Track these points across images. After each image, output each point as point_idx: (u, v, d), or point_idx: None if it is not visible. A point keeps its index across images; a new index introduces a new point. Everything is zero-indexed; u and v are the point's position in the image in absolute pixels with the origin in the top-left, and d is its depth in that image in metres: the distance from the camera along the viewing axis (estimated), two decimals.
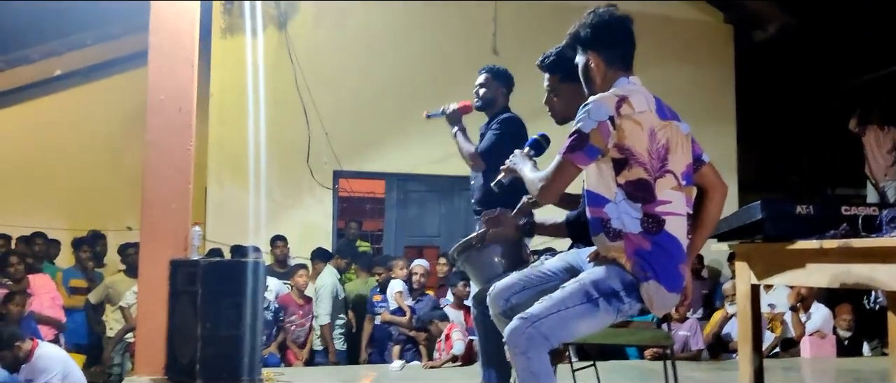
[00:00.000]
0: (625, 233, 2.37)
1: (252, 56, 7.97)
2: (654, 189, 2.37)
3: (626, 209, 2.38)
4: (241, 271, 4.91)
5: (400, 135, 8.72)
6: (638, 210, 2.37)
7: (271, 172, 8.26)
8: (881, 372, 5.14)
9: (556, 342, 2.36)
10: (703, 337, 6.87)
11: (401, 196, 9.00)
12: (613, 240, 2.39)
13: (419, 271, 7.24)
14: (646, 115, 2.40)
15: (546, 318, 2.29)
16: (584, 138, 2.35)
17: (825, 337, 7.06)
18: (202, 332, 4.65)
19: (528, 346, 2.26)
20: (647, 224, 2.36)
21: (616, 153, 2.37)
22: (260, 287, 5.12)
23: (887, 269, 2.39)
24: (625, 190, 2.38)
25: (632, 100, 2.40)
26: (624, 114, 2.36)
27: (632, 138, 2.36)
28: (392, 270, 7.36)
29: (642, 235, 2.36)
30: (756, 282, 2.98)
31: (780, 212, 2.73)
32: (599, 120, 2.34)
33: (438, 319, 6.48)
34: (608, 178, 2.40)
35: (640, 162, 2.37)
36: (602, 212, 2.42)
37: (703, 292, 8.54)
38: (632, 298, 2.36)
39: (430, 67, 8.80)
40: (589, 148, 2.35)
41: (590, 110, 2.37)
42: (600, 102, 2.38)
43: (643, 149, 2.37)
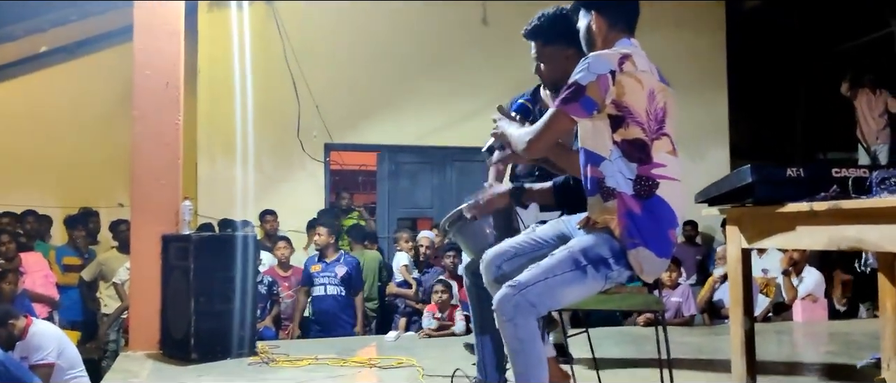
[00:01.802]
0: (618, 192, 2.37)
1: (239, 29, 7.90)
2: (651, 150, 2.37)
3: (621, 167, 2.37)
4: (233, 245, 4.92)
5: (391, 106, 8.69)
6: (632, 170, 2.37)
7: (262, 146, 8.24)
8: (872, 333, 5.17)
9: (544, 309, 2.37)
10: (696, 302, 6.91)
11: (393, 168, 8.99)
12: (607, 199, 2.39)
13: (425, 243, 7.23)
14: (647, 75, 2.41)
15: (533, 286, 2.29)
16: (581, 89, 2.33)
17: (817, 301, 7.11)
18: (195, 307, 4.67)
19: (515, 313, 2.27)
20: (639, 186, 2.36)
21: (613, 109, 2.36)
22: (252, 261, 5.13)
23: (877, 230, 2.39)
24: (621, 148, 2.38)
25: (635, 59, 2.40)
26: (626, 70, 2.36)
27: (631, 95, 2.35)
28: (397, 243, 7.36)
29: (633, 198, 2.35)
30: (747, 246, 2.99)
31: (771, 176, 2.72)
32: (599, 73, 2.34)
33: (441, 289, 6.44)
34: (604, 135, 2.39)
35: (637, 121, 2.36)
36: (598, 170, 2.42)
37: (697, 258, 8.59)
38: (620, 265, 2.36)
39: (420, 38, 8.75)
40: (585, 100, 2.33)
41: (590, 63, 2.36)
42: (601, 56, 2.38)
43: (642, 108, 2.37)
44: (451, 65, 8.77)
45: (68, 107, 8.90)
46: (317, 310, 6.80)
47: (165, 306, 4.92)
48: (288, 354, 4.92)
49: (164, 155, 5.15)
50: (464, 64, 8.72)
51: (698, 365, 4.66)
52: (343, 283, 6.75)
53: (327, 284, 6.77)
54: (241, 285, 4.92)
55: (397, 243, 7.52)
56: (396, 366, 4.58)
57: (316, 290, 6.76)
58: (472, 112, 8.47)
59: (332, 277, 6.77)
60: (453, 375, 3.51)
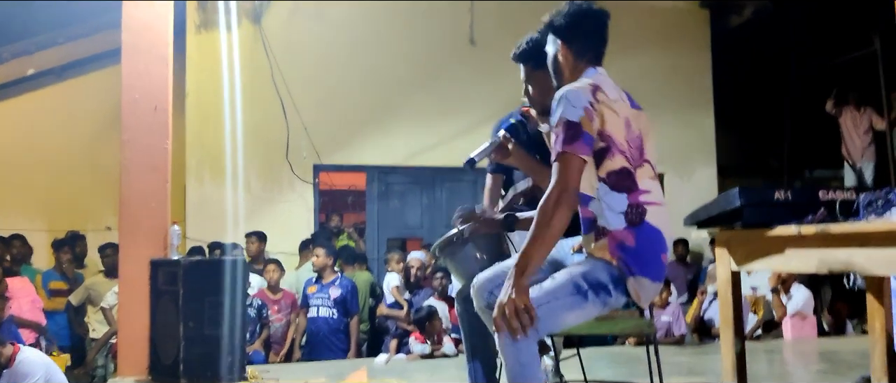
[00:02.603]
0: (609, 231, 2.37)
1: (227, 52, 7.91)
2: (636, 178, 2.38)
3: (610, 202, 2.37)
4: (222, 269, 4.88)
5: (379, 127, 8.70)
6: (622, 201, 2.37)
7: (251, 168, 8.23)
8: (861, 352, 5.19)
9: (545, 333, 2.37)
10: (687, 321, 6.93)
11: (382, 188, 8.99)
12: (599, 238, 2.39)
13: (415, 264, 7.22)
14: (619, 104, 2.41)
15: (536, 309, 2.28)
16: (576, 126, 2.31)
17: (806, 319, 7.14)
18: (185, 332, 4.62)
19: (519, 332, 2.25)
20: (630, 215, 2.36)
21: (598, 142, 2.36)
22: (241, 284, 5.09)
23: (865, 253, 2.40)
24: (607, 182, 2.38)
25: (604, 88, 2.40)
26: (600, 100, 2.36)
27: (611, 125, 2.36)
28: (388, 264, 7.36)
29: (626, 230, 2.35)
30: (736, 268, 3.00)
31: (759, 199, 2.74)
32: (583, 106, 2.33)
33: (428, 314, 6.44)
34: (589, 173, 2.38)
35: (620, 150, 2.37)
36: (588, 210, 2.42)
37: (688, 277, 8.60)
38: (618, 292, 2.37)
39: (408, 59, 8.79)
40: (585, 136, 2.31)
41: (569, 99, 2.35)
42: (577, 90, 2.37)
43: (622, 137, 2.38)
44: (439, 84, 8.81)
45: (55, 131, 8.87)
46: (308, 332, 6.79)
47: (154, 331, 4.87)
48: (278, 379, 4.89)
49: (152, 179, 5.12)
50: (452, 83, 8.76)
51: None
52: (336, 306, 6.75)
53: (320, 306, 6.77)
54: (230, 309, 4.88)
55: (388, 264, 7.51)
56: None
57: (310, 312, 6.78)
58: (461, 131, 8.50)
59: (326, 299, 6.77)
60: None
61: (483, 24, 8.84)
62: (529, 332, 2.22)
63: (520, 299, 2.21)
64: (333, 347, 6.73)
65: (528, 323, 2.20)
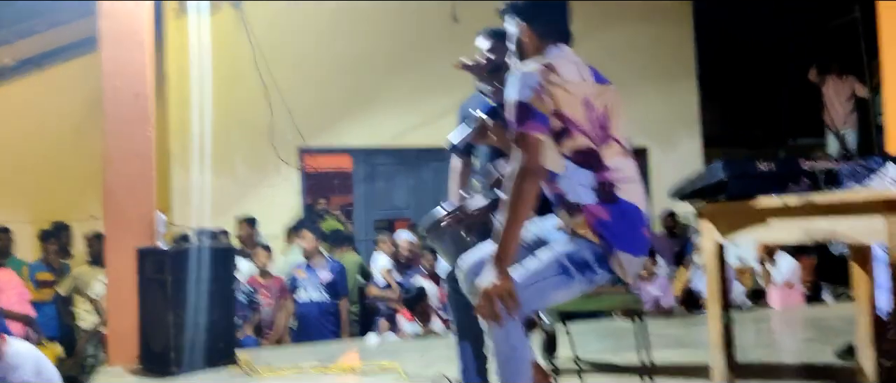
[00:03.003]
0: (583, 206, 2.37)
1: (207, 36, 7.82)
2: (602, 157, 2.38)
3: (579, 179, 2.38)
4: (210, 256, 4.89)
5: (364, 108, 8.67)
6: (591, 178, 2.37)
7: (235, 153, 8.19)
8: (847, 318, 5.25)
9: (531, 311, 2.38)
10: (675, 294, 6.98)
11: (368, 170, 8.98)
12: (573, 214, 2.40)
13: (404, 245, 7.23)
14: (576, 85, 2.40)
15: (522, 290, 2.29)
16: (527, 107, 2.32)
17: (793, 287, 7.21)
18: (174, 320, 4.64)
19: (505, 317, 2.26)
20: (601, 192, 2.37)
21: (555, 121, 2.35)
22: (229, 270, 5.10)
23: (848, 222, 2.43)
24: (573, 159, 2.38)
25: (560, 69, 2.39)
26: (552, 81, 2.35)
27: (566, 106, 2.35)
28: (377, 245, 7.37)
29: (599, 205, 2.36)
30: (721, 240, 3.02)
31: (742, 171, 2.75)
32: (532, 87, 2.33)
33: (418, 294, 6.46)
34: (552, 152, 2.38)
35: (581, 129, 2.36)
36: (557, 187, 2.43)
37: (675, 249, 8.65)
38: (603, 269, 2.38)
39: (391, 39, 8.75)
40: (536, 114, 2.31)
41: (520, 80, 2.35)
42: (527, 72, 2.37)
43: (581, 117, 2.37)
44: (423, 64, 8.77)
45: (37, 121, 8.77)
46: (299, 315, 6.81)
47: (143, 320, 4.88)
48: (270, 363, 4.90)
49: (136, 167, 5.10)
50: (435, 62, 8.66)
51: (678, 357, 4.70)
52: (326, 288, 6.78)
53: (310, 289, 6.79)
54: (219, 295, 4.90)
55: (377, 245, 7.52)
56: (380, 372, 4.58)
57: (299, 295, 6.79)
58: (446, 110, 8.42)
59: (316, 282, 6.80)
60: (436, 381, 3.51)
61: (465, 2, 8.79)
62: (515, 314, 2.23)
63: (502, 285, 2.22)
64: (324, 330, 6.75)
65: (512, 307, 2.21)
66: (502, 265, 2.25)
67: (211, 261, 4.86)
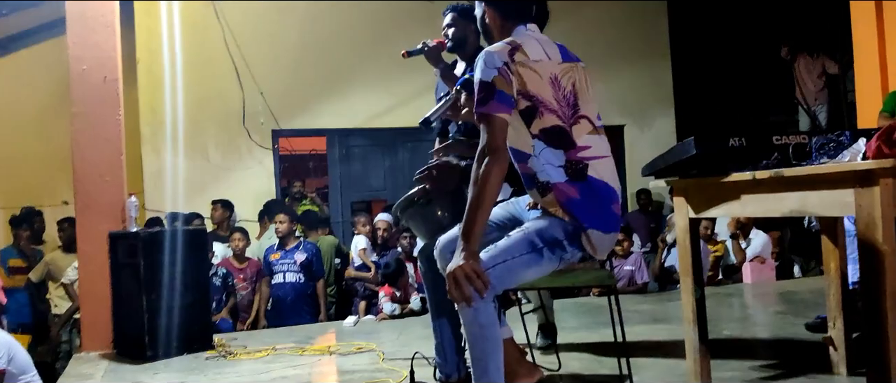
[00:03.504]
0: (552, 184, 2.38)
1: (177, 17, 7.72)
2: (572, 135, 2.38)
3: (549, 158, 2.38)
4: (182, 239, 4.85)
5: (337, 89, 8.61)
6: (560, 157, 2.37)
7: (207, 136, 8.11)
8: (817, 291, 5.33)
9: (501, 290, 2.38)
10: (651, 270, 7.04)
11: (343, 151, 8.93)
12: (544, 193, 2.40)
13: (382, 226, 7.22)
14: (542, 64, 2.39)
15: (492, 268, 2.29)
16: (490, 87, 2.31)
17: (765, 262, 7.29)
18: (148, 304, 4.61)
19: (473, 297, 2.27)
20: (570, 171, 2.37)
21: (523, 102, 2.35)
22: (203, 253, 5.06)
23: (818, 196, 2.44)
24: (542, 139, 2.38)
25: (526, 48, 2.39)
26: (518, 60, 2.35)
27: (534, 84, 2.35)
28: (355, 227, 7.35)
29: (568, 184, 2.36)
30: (694, 216, 3.04)
31: (714, 147, 2.75)
32: (497, 66, 2.33)
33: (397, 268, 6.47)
34: (521, 132, 2.39)
35: (550, 109, 2.36)
36: (527, 166, 2.43)
37: (651, 226, 8.72)
38: (574, 247, 2.39)
39: (365, 18, 8.67)
40: (499, 95, 2.31)
41: (484, 60, 2.35)
42: (492, 52, 2.36)
43: (549, 96, 2.37)
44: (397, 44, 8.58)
45: (5, 104, 8.64)
46: (275, 298, 6.79)
47: (117, 305, 4.84)
48: (246, 346, 4.88)
49: (106, 150, 5.03)
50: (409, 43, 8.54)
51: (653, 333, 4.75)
52: (303, 270, 6.77)
53: (286, 272, 6.77)
54: (192, 279, 4.87)
55: (355, 227, 7.50)
56: (356, 352, 4.58)
57: (275, 278, 6.78)
58: (420, 91, 8.41)
59: (292, 264, 6.78)
60: (412, 358, 3.51)
61: None
62: (485, 294, 2.23)
63: (468, 265, 2.22)
64: (301, 312, 6.74)
65: (481, 287, 2.21)
66: (469, 245, 2.25)
67: (184, 244, 4.82)
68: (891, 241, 2.21)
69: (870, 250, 2.24)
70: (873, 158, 2.26)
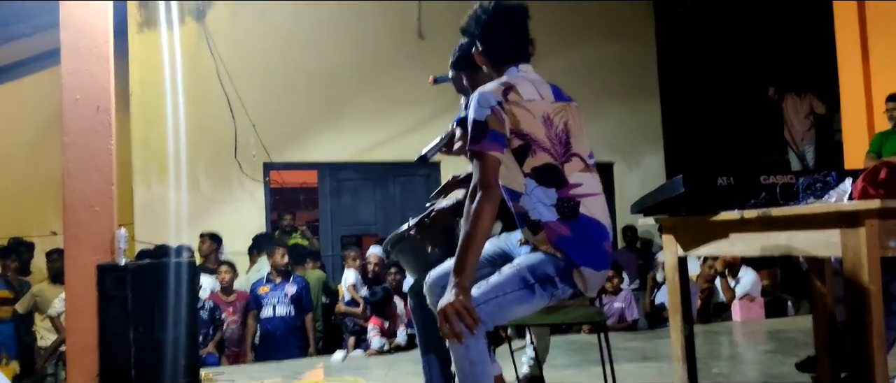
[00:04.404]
0: (543, 223, 2.39)
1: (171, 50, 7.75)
2: (564, 173, 2.40)
3: (540, 196, 2.39)
4: (171, 272, 4.82)
5: (329, 123, 8.64)
6: (552, 196, 2.39)
7: (199, 168, 8.11)
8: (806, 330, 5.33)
9: (492, 326, 2.38)
10: (641, 307, 7.04)
11: (334, 185, 8.94)
12: (535, 231, 2.41)
13: (373, 260, 7.20)
14: (535, 104, 2.42)
15: (484, 304, 2.29)
16: (483, 125, 2.34)
17: (754, 301, 7.30)
18: (135, 337, 4.56)
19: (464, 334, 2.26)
20: (562, 209, 2.38)
21: (516, 140, 2.37)
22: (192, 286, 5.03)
23: (805, 236, 2.46)
24: (534, 177, 2.39)
25: (519, 88, 2.41)
26: (512, 100, 2.37)
27: (527, 124, 2.38)
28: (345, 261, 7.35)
29: (560, 222, 2.38)
30: (683, 254, 3.05)
31: (702, 185, 2.78)
32: (491, 105, 2.35)
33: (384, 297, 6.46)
34: (514, 171, 2.41)
35: (543, 147, 2.39)
36: (519, 205, 2.44)
37: (639, 262, 8.74)
38: (565, 283, 2.39)
39: (357, 54, 8.74)
40: (492, 133, 2.33)
41: (478, 100, 2.38)
42: (485, 92, 2.39)
43: (542, 135, 2.39)
44: (388, 79, 8.79)
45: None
46: (264, 332, 6.74)
47: (103, 337, 4.78)
48: (233, 380, 4.84)
49: (97, 181, 5.01)
50: (401, 78, 8.74)
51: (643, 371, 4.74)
52: (293, 303, 6.74)
53: (276, 305, 6.73)
54: (180, 312, 4.82)
55: (345, 261, 7.49)
56: None
57: (264, 311, 6.73)
58: (412, 126, 8.50)
59: (282, 297, 6.75)
60: None
61: (431, 18, 8.84)
62: (476, 330, 2.23)
63: (459, 302, 2.22)
64: (290, 345, 6.70)
65: (471, 324, 2.21)
66: (460, 281, 2.26)
67: (173, 277, 4.79)
68: (877, 281, 2.23)
69: (856, 290, 2.26)
70: (859, 199, 2.29)
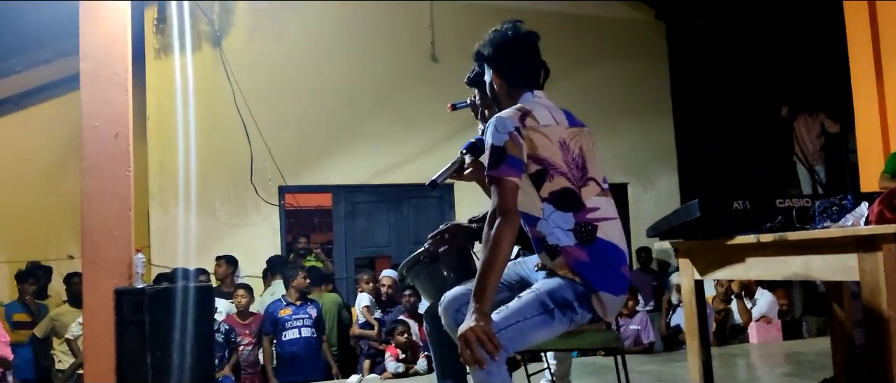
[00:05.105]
0: (561, 248, 2.40)
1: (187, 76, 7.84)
2: (582, 197, 2.41)
3: (557, 222, 2.40)
4: (188, 296, 4.85)
5: (343, 146, 8.69)
6: (569, 220, 2.40)
7: (215, 192, 8.16)
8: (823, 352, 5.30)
9: (513, 351, 2.38)
10: (657, 329, 7.01)
11: (349, 207, 8.97)
12: (553, 257, 2.42)
13: (387, 282, 7.21)
14: (552, 129, 2.43)
15: (504, 330, 2.29)
16: (501, 151, 2.36)
17: (771, 322, 7.26)
18: (152, 361, 4.58)
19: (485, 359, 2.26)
20: (580, 234, 2.39)
21: (533, 165, 2.39)
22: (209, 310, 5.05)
23: (822, 260, 2.46)
24: (552, 202, 2.40)
25: (535, 114, 2.43)
26: (529, 125, 2.39)
27: (544, 149, 2.39)
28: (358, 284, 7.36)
29: (577, 247, 2.38)
30: (699, 277, 3.06)
31: (718, 209, 2.79)
32: (509, 131, 2.37)
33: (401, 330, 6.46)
34: (532, 196, 2.41)
35: (560, 172, 2.40)
36: (536, 230, 2.45)
37: (654, 284, 8.70)
38: (584, 309, 2.39)
39: (370, 76, 8.81)
40: (510, 159, 2.35)
41: (496, 126, 2.39)
42: (503, 118, 2.41)
43: (559, 159, 2.40)
44: (402, 102, 8.84)
45: (16, 159, 8.73)
46: (288, 354, 6.72)
47: (121, 361, 4.80)
48: None
49: (114, 206, 5.06)
50: (415, 101, 8.79)
51: None
52: (314, 325, 6.77)
53: (301, 327, 6.73)
54: (197, 336, 4.84)
55: (358, 284, 7.49)
56: None
57: (287, 334, 6.70)
58: (426, 148, 8.53)
59: (307, 319, 6.76)
60: None
61: (444, 42, 8.90)
62: (497, 356, 2.23)
63: (480, 328, 2.22)
64: (312, 367, 6.72)
65: (492, 350, 2.21)
66: (480, 307, 2.26)
67: (190, 301, 4.82)
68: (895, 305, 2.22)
69: (874, 314, 2.26)
70: (876, 223, 2.29)
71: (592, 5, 9.50)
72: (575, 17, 9.25)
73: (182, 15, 8.01)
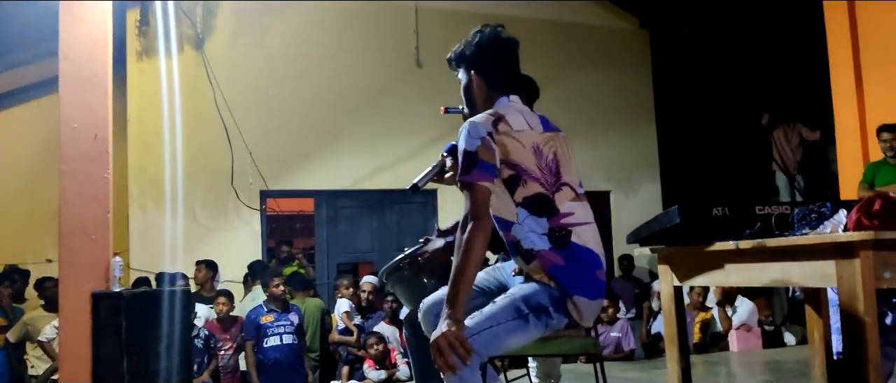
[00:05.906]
0: (536, 252, 2.39)
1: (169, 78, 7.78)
2: (555, 202, 2.40)
3: (532, 226, 2.39)
4: (166, 301, 4.80)
5: (326, 151, 8.66)
6: (543, 225, 2.38)
7: (195, 196, 8.10)
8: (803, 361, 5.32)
9: (487, 356, 2.36)
10: (639, 337, 7.02)
11: (331, 213, 8.93)
12: (528, 261, 2.41)
13: (367, 288, 7.17)
14: (525, 134, 2.42)
15: (478, 334, 2.28)
16: (473, 156, 2.35)
17: (751, 330, 7.29)
18: (128, 365, 4.53)
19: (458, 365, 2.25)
20: (553, 238, 2.38)
21: (506, 170, 2.38)
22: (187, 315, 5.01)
23: (800, 267, 2.47)
24: (526, 207, 2.39)
25: (509, 119, 2.42)
26: (502, 130, 2.38)
27: (517, 154, 2.38)
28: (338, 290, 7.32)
29: (552, 251, 2.37)
30: (679, 284, 3.06)
31: (697, 216, 2.79)
32: (481, 136, 2.36)
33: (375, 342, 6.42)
34: (506, 200, 2.40)
35: (533, 177, 2.39)
36: (511, 235, 2.44)
37: (635, 291, 8.72)
38: (559, 314, 2.38)
39: (354, 82, 8.79)
40: (482, 164, 2.34)
41: (469, 130, 2.38)
42: (476, 122, 2.40)
43: (532, 164, 2.39)
44: (386, 107, 8.82)
45: None
46: (270, 361, 6.65)
47: (97, 366, 4.75)
48: None
49: (93, 209, 5.00)
50: (398, 106, 8.78)
51: None
52: (296, 332, 6.71)
53: (283, 334, 6.67)
54: (176, 341, 4.80)
55: (338, 290, 7.45)
56: None
57: (269, 341, 6.64)
58: (409, 154, 8.51)
59: (289, 326, 6.70)
60: None
61: (429, 47, 8.89)
62: (470, 360, 2.22)
63: (452, 333, 2.21)
64: (296, 373, 6.67)
65: (464, 355, 2.19)
66: (452, 313, 2.25)
67: (168, 305, 4.77)
68: (872, 313, 2.23)
69: (852, 321, 2.26)
70: (854, 230, 2.30)
71: (578, 13, 9.54)
72: (560, 25, 9.29)
73: (166, 17, 7.96)
